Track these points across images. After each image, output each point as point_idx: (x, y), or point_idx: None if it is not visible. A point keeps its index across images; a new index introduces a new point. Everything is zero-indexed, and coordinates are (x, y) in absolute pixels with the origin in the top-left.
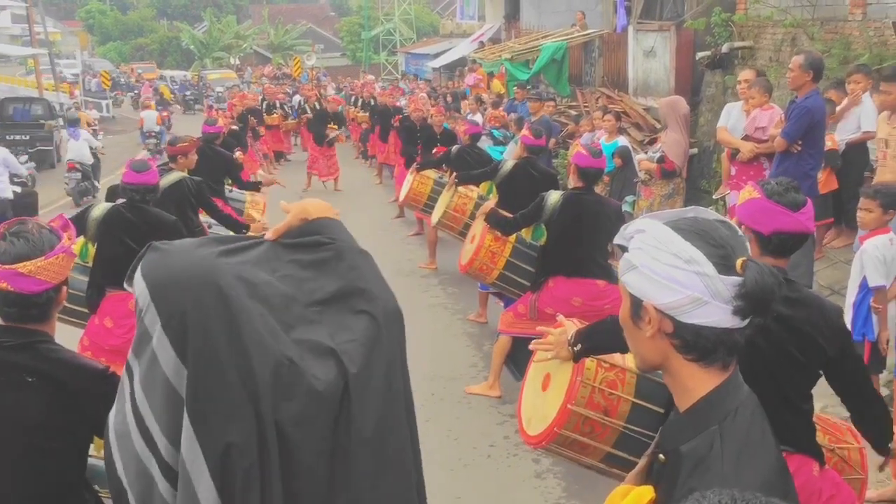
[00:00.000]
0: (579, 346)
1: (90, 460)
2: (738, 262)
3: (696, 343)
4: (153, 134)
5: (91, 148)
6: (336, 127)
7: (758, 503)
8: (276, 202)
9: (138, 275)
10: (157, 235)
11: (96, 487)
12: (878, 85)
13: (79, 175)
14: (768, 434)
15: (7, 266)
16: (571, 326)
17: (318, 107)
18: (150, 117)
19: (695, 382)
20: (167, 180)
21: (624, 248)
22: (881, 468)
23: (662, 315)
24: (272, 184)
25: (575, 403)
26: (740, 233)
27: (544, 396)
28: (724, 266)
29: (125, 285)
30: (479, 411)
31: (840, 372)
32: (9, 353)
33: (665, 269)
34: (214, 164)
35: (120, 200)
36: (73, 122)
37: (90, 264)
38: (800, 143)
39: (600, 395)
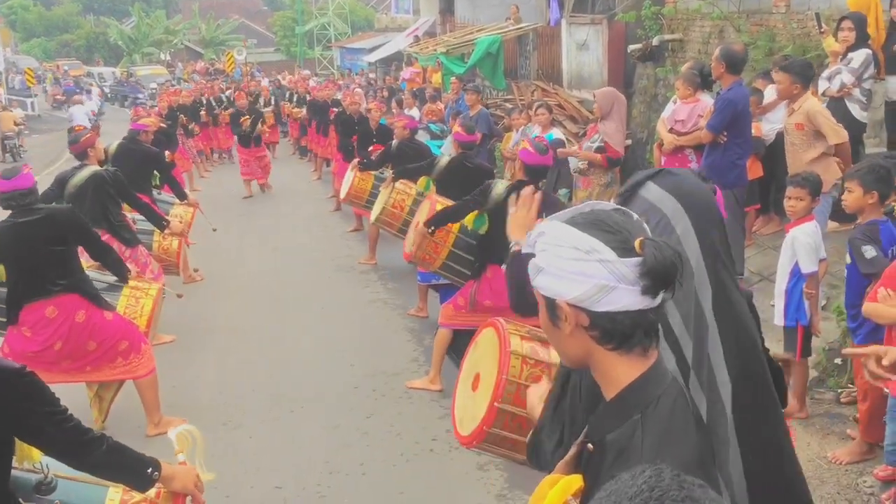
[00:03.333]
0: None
1: (16, 472)
2: (637, 242)
3: (614, 330)
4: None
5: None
6: (248, 118)
7: (666, 476)
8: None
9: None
10: (57, 228)
11: (21, 501)
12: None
13: None
14: (690, 421)
15: None
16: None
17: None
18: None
19: (618, 372)
20: (81, 176)
21: (532, 255)
22: None
23: (576, 309)
24: (194, 206)
25: (501, 401)
26: (636, 217)
27: (474, 396)
28: (624, 249)
29: None
30: (420, 406)
31: None
32: None
33: (568, 263)
34: (139, 159)
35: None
36: None
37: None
38: (725, 133)
39: (526, 392)
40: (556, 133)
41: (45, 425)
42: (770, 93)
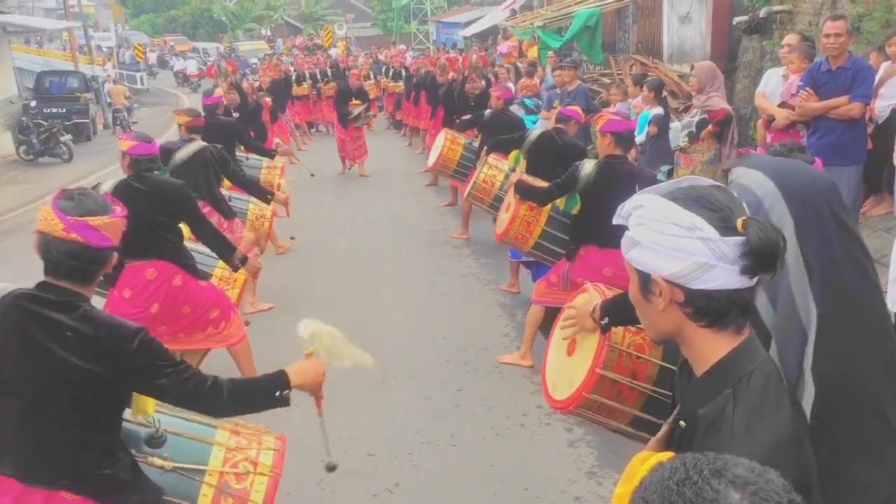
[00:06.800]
0: (606, 319)
1: (126, 425)
2: (739, 221)
3: (709, 307)
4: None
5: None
6: (359, 103)
7: (707, 461)
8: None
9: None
10: (170, 201)
11: (133, 451)
12: None
13: None
14: (784, 397)
15: (77, 218)
16: (595, 296)
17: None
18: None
19: (710, 348)
20: (188, 150)
21: (624, 227)
22: None
23: (672, 285)
24: (287, 155)
25: (603, 367)
26: (736, 195)
27: (570, 361)
28: (726, 228)
29: None
30: (511, 381)
31: None
32: (53, 310)
33: (668, 239)
34: (221, 132)
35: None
36: None
37: None
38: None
39: (628, 359)
40: (658, 110)
41: (167, 381)
42: (883, 68)
